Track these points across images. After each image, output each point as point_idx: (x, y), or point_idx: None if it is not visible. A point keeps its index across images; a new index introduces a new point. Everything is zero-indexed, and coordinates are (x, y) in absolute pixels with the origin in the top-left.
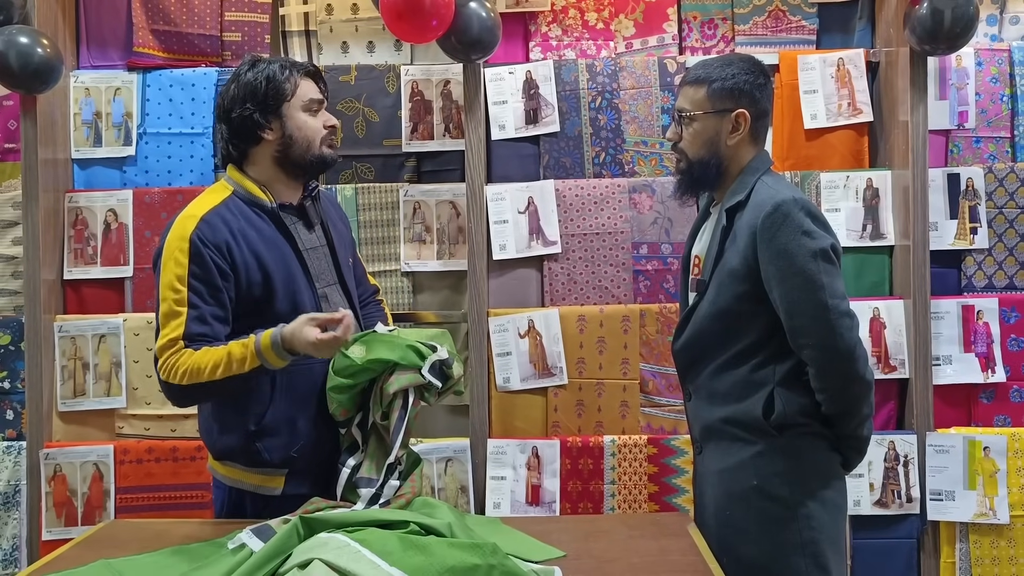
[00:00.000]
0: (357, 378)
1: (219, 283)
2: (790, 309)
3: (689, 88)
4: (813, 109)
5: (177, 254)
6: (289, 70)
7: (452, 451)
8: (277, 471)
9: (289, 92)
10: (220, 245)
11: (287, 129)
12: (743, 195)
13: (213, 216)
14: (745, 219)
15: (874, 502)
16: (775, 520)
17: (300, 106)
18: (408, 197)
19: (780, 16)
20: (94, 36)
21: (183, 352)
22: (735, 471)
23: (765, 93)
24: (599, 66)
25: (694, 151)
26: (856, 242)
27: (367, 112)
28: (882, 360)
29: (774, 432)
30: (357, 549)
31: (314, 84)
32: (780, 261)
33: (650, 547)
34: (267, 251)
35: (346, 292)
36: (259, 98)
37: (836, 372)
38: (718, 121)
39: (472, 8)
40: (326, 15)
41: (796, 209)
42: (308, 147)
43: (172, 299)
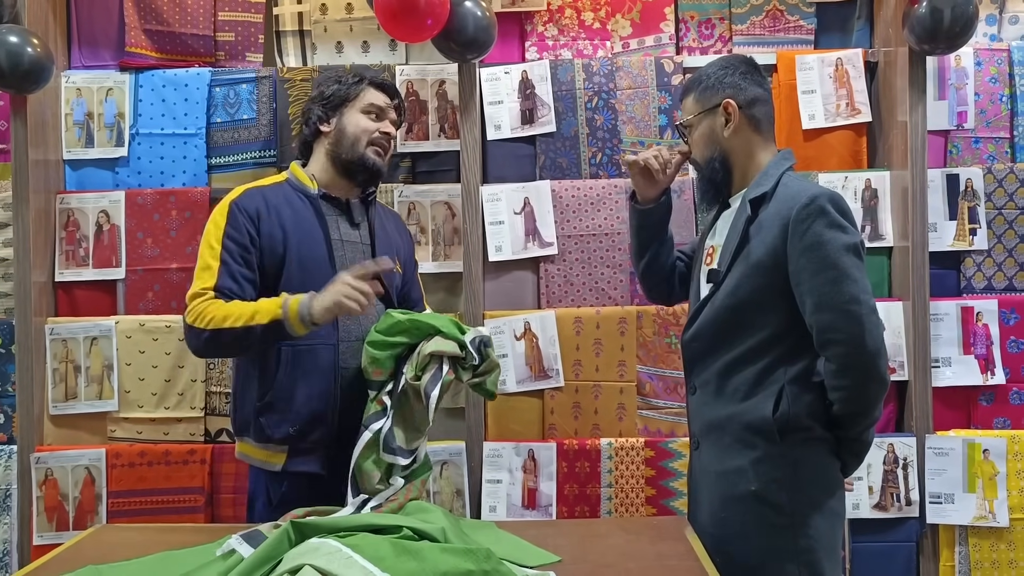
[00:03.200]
0: (400, 336)
1: (250, 247)
2: (820, 302)
3: (682, 101)
4: (811, 109)
5: (217, 217)
6: (361, 79)
7: (448, 454)
8: (278, 447)
9: (353, 95)
10: (252, 213)
11: (340, 124)
12: (769, 187)
13: (254, 191)
14: (773, 210)
15: (873, 505)
16: (772, 526)
17: (359, 107)
18: (403, 198)
19: (778, 16)
20: (86, 36)
21: (214, 302)
22: (734, 475)
23: (749, 80)
24: (595, 66)
25: (701, 154)
26: None
27: None
28: None
29: (777, 437)
30: (349, 555)
31: (388, 98)
32: (812, 253)
33: (647, 552)
34: (294, 229)
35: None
36: (327, 97)
37: (860, 369)
38: (710, 118)
39: (467, 7)
40: (320, 15)
41: (831, 203)
42: (354, 144)
43: (208, 255)
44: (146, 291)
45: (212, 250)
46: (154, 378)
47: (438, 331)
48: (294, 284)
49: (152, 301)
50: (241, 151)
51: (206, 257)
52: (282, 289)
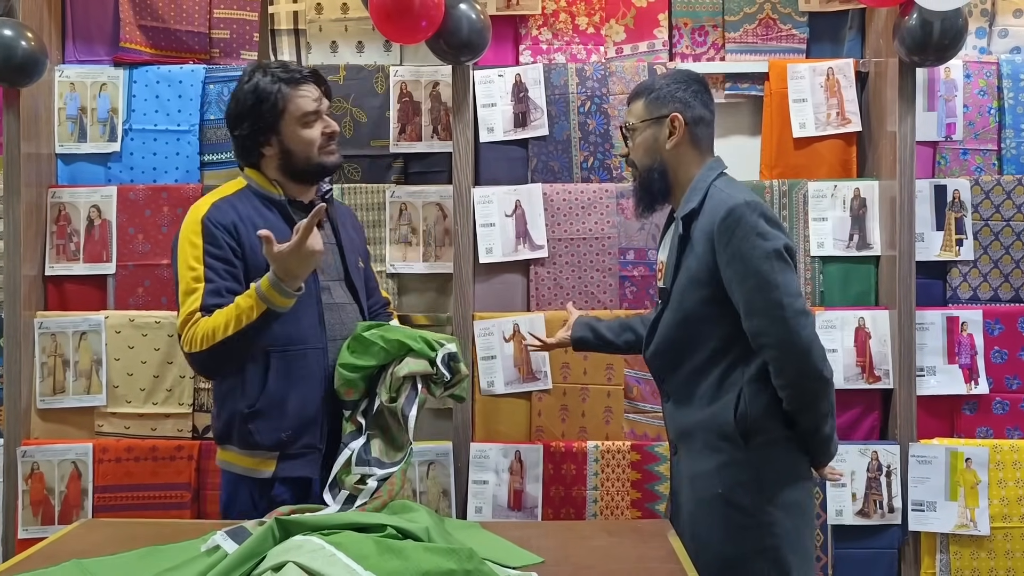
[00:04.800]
0: (370, 358)
1: (233, 260)
2: (748, 309)
3: (631, 103)
4: (802, 118)
5: (191, 236)
6: (281, 84)
7: (435, 454)
8: (268, 454)
9: (281, 110)
10: (228, 226)
11: (284, 144)
12: (696, 202)
13: (222, 202)
14: (701, 225)
15: (856, 512)
16: (739, 527)
17: (295, 121)
18: (395, 198)
19: (771, 24)
20: (80, 30)
21: (199, 322)
22: (704, 478)
23: (700, 99)
24: (589, 70)
25: (640, 160)
26: (843, 251)
27: (355, 112)
28: (866, 370)
29: (741, 441)
30: (332, 552)
31: (311, 91)
32: (736, 264)
33: (629, 554)
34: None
35: (352, 290)
36: (254, 117)
37: (794, 369)
38: (656, 128)
39: (462, 10)
40: (316, 14)
41: (749, 211)
42: (307, 158)
43: (189, 277)
44: (136, 287)
45: (194, 271)
46: (142, 373)
47: (409, 349)
48: None
49: (142, 297)
50: None
51: (188, 280)
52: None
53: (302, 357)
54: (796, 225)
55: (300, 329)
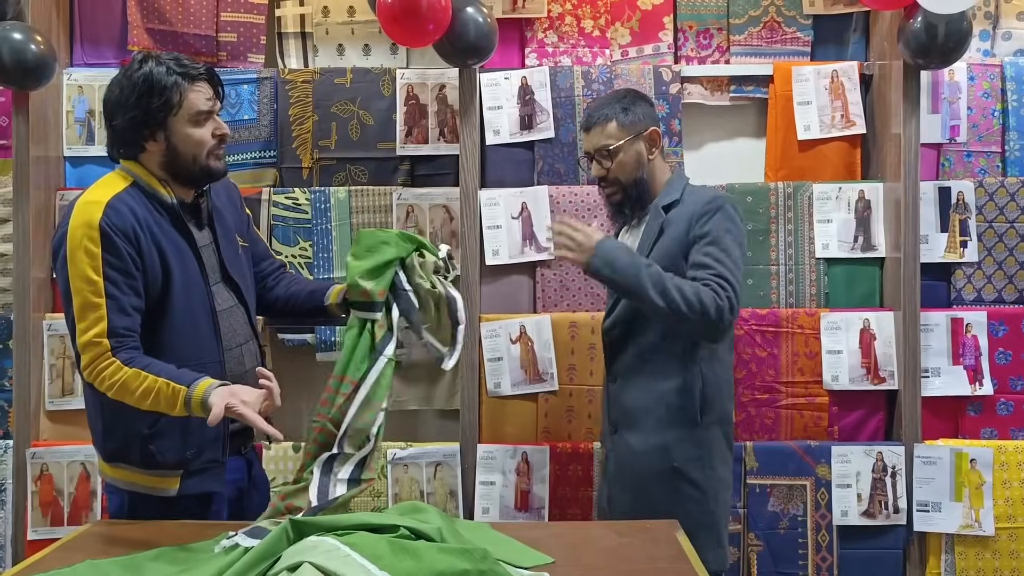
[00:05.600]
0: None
1: (134, 271)
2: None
3: (597, 128)
4: (807, 120)
5: (87, 243)
6: (177, 77)
7: (442, 455)
8: (172, 472)
9: (175, 104)
10: (128, 232)
11: (171, 141)
12: (677, 195)
13: (118, 203)
14: (681, 210)
15: (861, 512)
16: (689, 499)
17: (187, 119)
18: (401, 200)
19: (775, 27)
20: (88, 34)
21: (112, 363)
22: (657, 452)
23: (654, 111)
24: (594, 73)
25: (626, 176)
26: (847, 253)
27: (362, 115)
28: (871, 371)
29: (698, 418)
30: (347, 553)
31: (205, 90)
32: (708, 237)
33: (638, 554)
34: (168, 244)
35: (234, 288)
36: (142, 107)
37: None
38: (637, 143)
39: (469, 13)
40: (322, 17)
41: (730, 207)
42: (194, 159)
43: (88, 291)
44: None
45: (93, 285)
46: None
47: (422, 244)
48: (178, 308)
49: None
50: (241, 151)
51: (86, 294)
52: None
53: (200, 369)
54: (801, 227)
55: (198, 342)
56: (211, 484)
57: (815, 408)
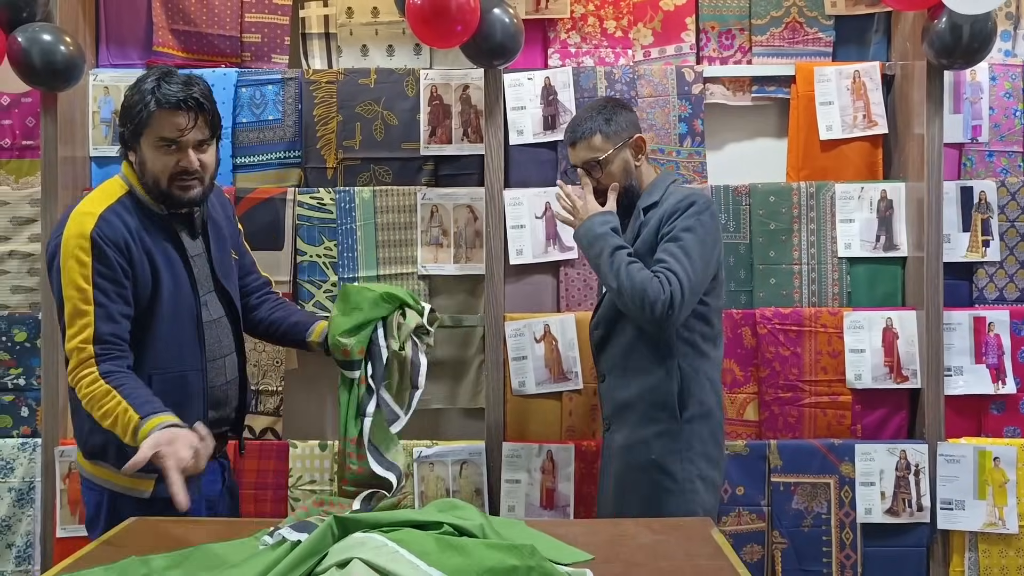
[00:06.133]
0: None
1: (123, 280)
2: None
3: (582, 143)
4: (829, 120)
5: (78, 252)
6: (152, 100)
7: (467, 454)
8: (147, 475)
9: (144, 125)
10: (119, 243)
11: (141, 158)
12: (658, 196)
13: (111, 214)
14: (658, 212)
15: (885, 510)
16: (666, 491)
17: (151, 143)
18: (426, 200)
19: (797, 28)
20: (113, 35)
21: (91, 373)
22: (638, 447)
23: (635, 117)
24: (617, 74)
25: (618, 183)
26: (869, 252)
27: (386, 115)
28: (894, 370)
29: (678, 413)
30: (395, 549)
31: (180, 120)
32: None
33: (676, 551)
34: (159, 254)
35: (226, 299)
36: (126, 120)
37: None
38: (623, 152)
39: (496, 14)
40: (346, 18)
41: (705, 205)
42: (155, 182)
43: (77, 298)
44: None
45: (82, 293)
46: None
47: (405, 303)
48: (164, 315)
49: None
50: (266, 151)
51: (76, 301)
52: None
53: (182, 379)
54: (824, 227)
55: (181, 352)
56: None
57: (838, 406)
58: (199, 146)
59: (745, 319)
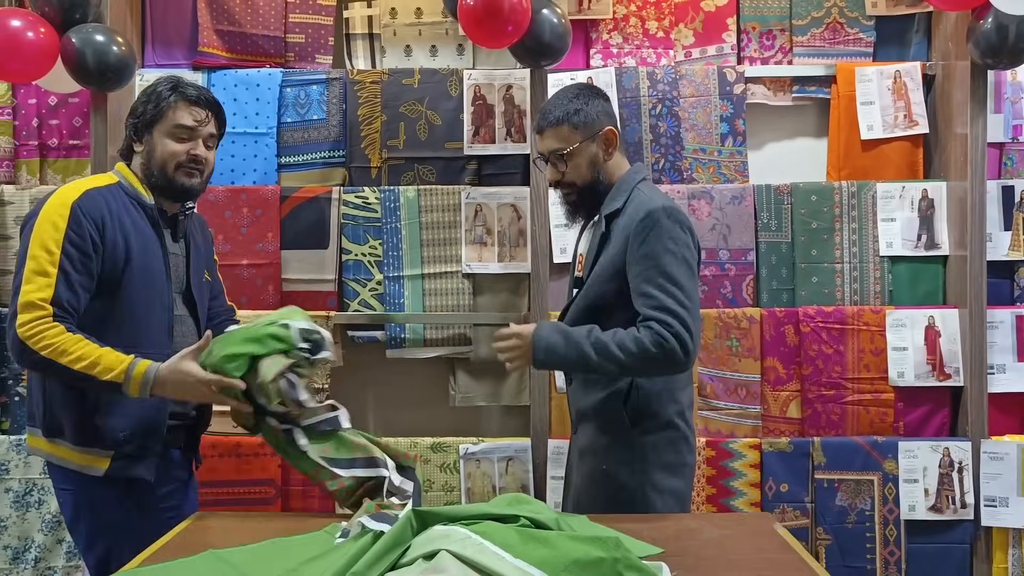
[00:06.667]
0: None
1: (91, 253)
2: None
3: (550, 131)
4: (870, 120)
5: (55, 218)
6: (173, 93)
7: (513, 450)
8: (104, 452)
9: (161, 115)
10: (96, 219)
11: (149, 145)
12: (620, 203)
13: (95, 193)
14: (621, 224)
15: (929, 507)
16: (617, 503)
17: (166, 131)
18: (470, 200)
19: (838, 28)
20: (159, 35)
21: (54, 327)
22: (593, 455)
23: (612, 109)
24: (659, 74)
25: (582, 179)
26: (911, 251)
27: (429, 115)
28: (937, 368)
29: (628, 424)
30: (479, 541)
31: (198, 113)
32: (647, 261)
33: (743, 545)
34: (136, 239)
35: (191, 305)
36: (139, 113)
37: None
38: (591, 146)
39: (545, 15)
40: (390, 19)
41: (665, 216)
42: (162, 168)
43: (45, 258)
44: None
45: (50, 255)
46: None
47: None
48: (134, 296)
49: None
50: (311, 151)
51: (42, 261)
52: (127, 296)
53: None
54: (865, 225)
55: (150, 333)
56: (143, 471)
57: (880, 404)
58: (208, 141)
59: (788, 317)
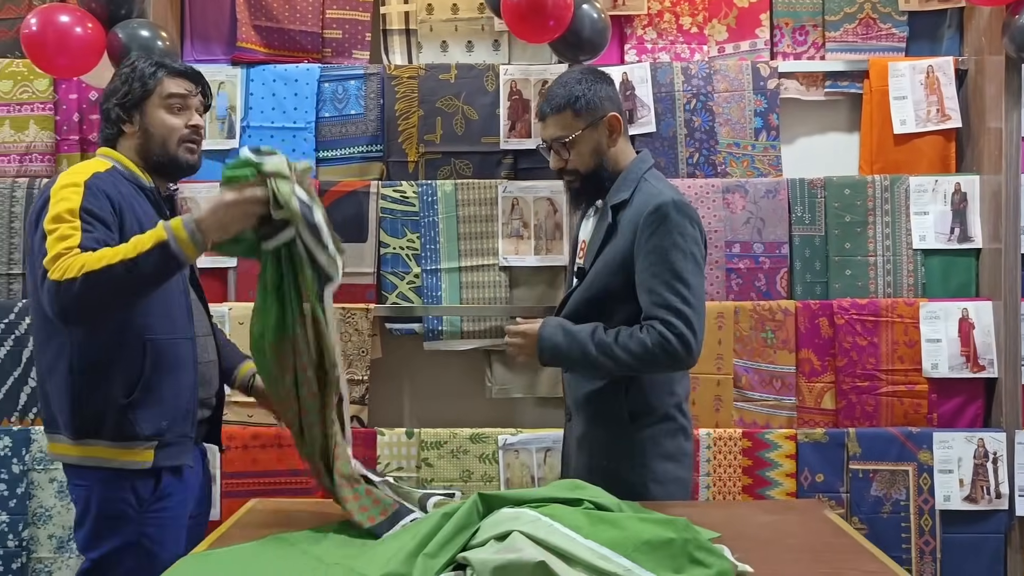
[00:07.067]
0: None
1: (111, 222)
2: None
3: (552, 118)
4: (902, 115)
5: (67, 194)
6: (157, 68)
7: (551, 441)
8: (146, 444)
9: (151, 86)
10: (112, 196)
11: (144, 124)
12: (628, 193)
13: (104, 174)
14: (628, 216)
15: (963, 497)
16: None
17: (159, 103)
18: (506, 193)
19: (871, 24)
20: (198, 31)
21: (80, 255)
22: (594, 449)
23: (615, 91)
24: (694, 69)
25: (585, 166)
26: (944, 244)
27: (466, 110)
28: (971, 360)
29: (627, 418)
30: (550, 523)
31: (185, 84)
32: (654, 256)
33: (799, 530)
34: (147, 224)
35: (198, 289)
36: (124, 92)
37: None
38: (595, 132)
39: (585, 10)
40: (426, 14)
41: (675, 210)
42: (164, 145)
43: (66, 226)
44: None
45: (69, 222)
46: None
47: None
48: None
49: None
50: (349, 145)
51: (63, 228)
52: None
53: (175, 346)
54: (898, 219)
55: (172, 319)
56: (183, 458)
57: (914, 395)
58: (199, 110)
59: (822, 309)
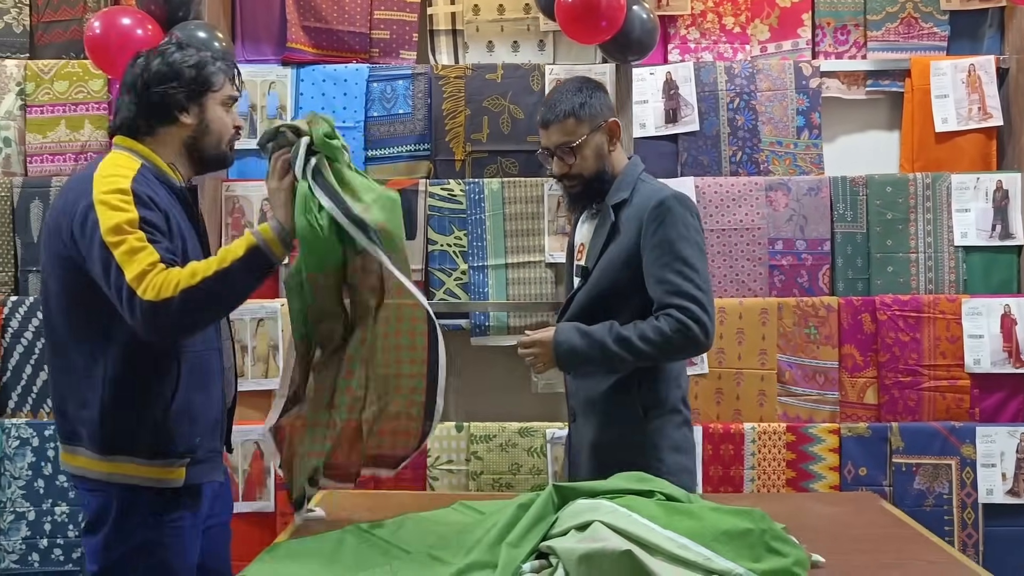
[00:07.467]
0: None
1: (165, 231)
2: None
3: (556, 125)
4: (944, 113)
5: (118, 203)
6: (219, 62)
7: None
8: (179, 461)
9: (216, 84)
10: (158, 203)
11: (205, 118)
12: (627, 193)
13: (142, 177)
14: (629, 214)
15: (1006, 491)
16: None
17: (220, 100)
18: (552, 191)
19: (912, 23)
20: (249, 32)
21: (170, 271)
22: (606, 448)
23: (610, 100)
24: (737, 68)
25: (588, 170)
26: (985, 241)
27: (512, 109)
28: (1013, 355)
29: (640, 413)
30: (628, 513)
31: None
32: (662, 247)
33: (859, 521)
34: (184, 227)
35: None
36: (186, 81)
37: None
38: (597, 137)
39: (635, 11)
40: (473, 15)
41: (678, 204)
42: (218, 142)
43: (131, 237)
44: None
45: (133, 233)
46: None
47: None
48: None
49: None
50: (397, 144)
51: (130, 241)
52: None
53: (207, 358)
54: (940, 216)
55: (206, 331)
56: (215, 473)
57: (956, 390)
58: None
59: (865, 306)
